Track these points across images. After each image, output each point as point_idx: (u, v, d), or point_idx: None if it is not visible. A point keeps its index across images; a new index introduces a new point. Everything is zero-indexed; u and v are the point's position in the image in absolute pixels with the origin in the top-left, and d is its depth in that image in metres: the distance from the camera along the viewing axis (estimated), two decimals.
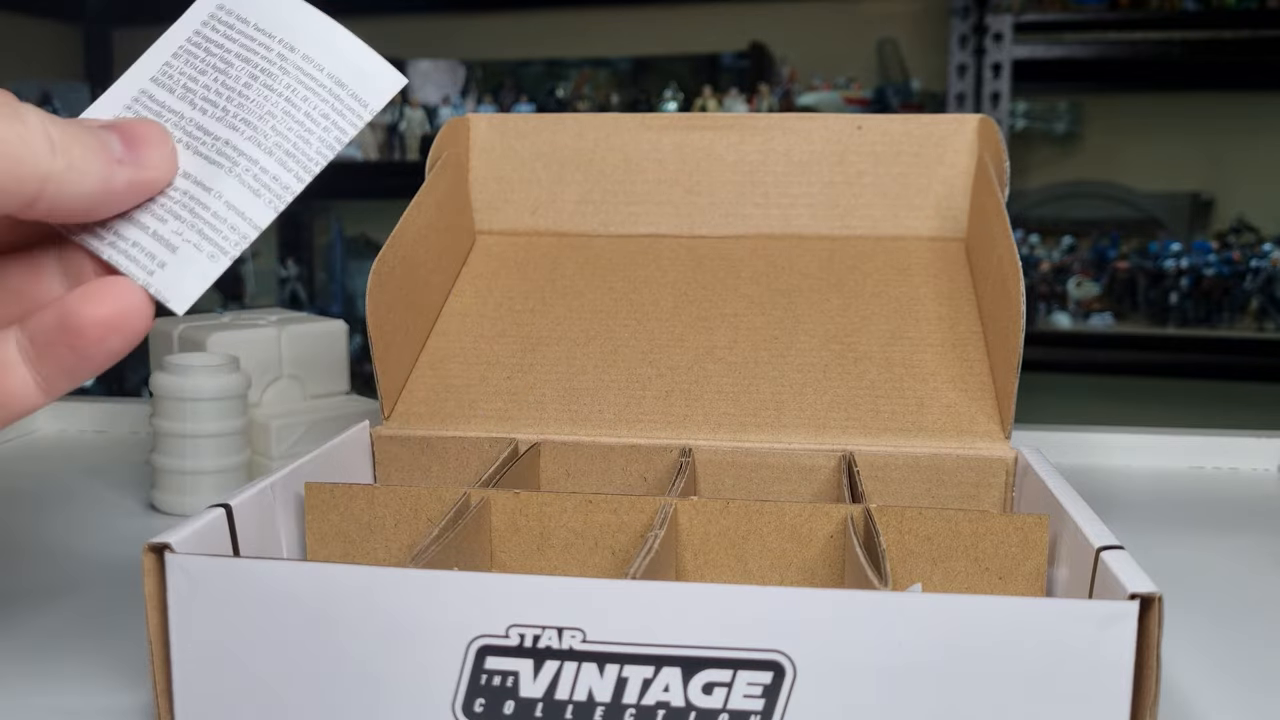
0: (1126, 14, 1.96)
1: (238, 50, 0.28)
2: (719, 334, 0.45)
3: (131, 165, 0.26)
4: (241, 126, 0.27)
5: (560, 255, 0.50)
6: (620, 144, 0.51)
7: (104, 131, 0.26)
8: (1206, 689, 0.33)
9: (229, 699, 0.26)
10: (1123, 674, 0.23)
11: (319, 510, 0.34)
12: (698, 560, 0.33)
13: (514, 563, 0.34)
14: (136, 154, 0.26)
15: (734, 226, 0.50)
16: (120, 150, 0.26)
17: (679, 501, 0.32)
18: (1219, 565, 0.45)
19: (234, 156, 0.27)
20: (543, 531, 0.33)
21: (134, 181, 0.26)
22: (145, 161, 0.26)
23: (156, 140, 0.27)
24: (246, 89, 0.28)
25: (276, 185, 0.27)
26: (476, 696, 0.25)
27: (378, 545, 0.34)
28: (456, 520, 0.31)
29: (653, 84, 2.33)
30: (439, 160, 0.48)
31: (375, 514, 0.34)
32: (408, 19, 2.50)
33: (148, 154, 0.26)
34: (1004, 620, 0.23)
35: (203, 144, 0.27)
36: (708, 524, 0.33)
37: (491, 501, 0.33)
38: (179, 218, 0.27)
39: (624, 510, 0.33)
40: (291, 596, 0.25)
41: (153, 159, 0.27)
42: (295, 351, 0.56)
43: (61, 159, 0.24)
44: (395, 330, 0.42)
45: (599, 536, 0.33)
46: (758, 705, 0.24)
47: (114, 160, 0.26)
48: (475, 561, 0.32)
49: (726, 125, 0.50)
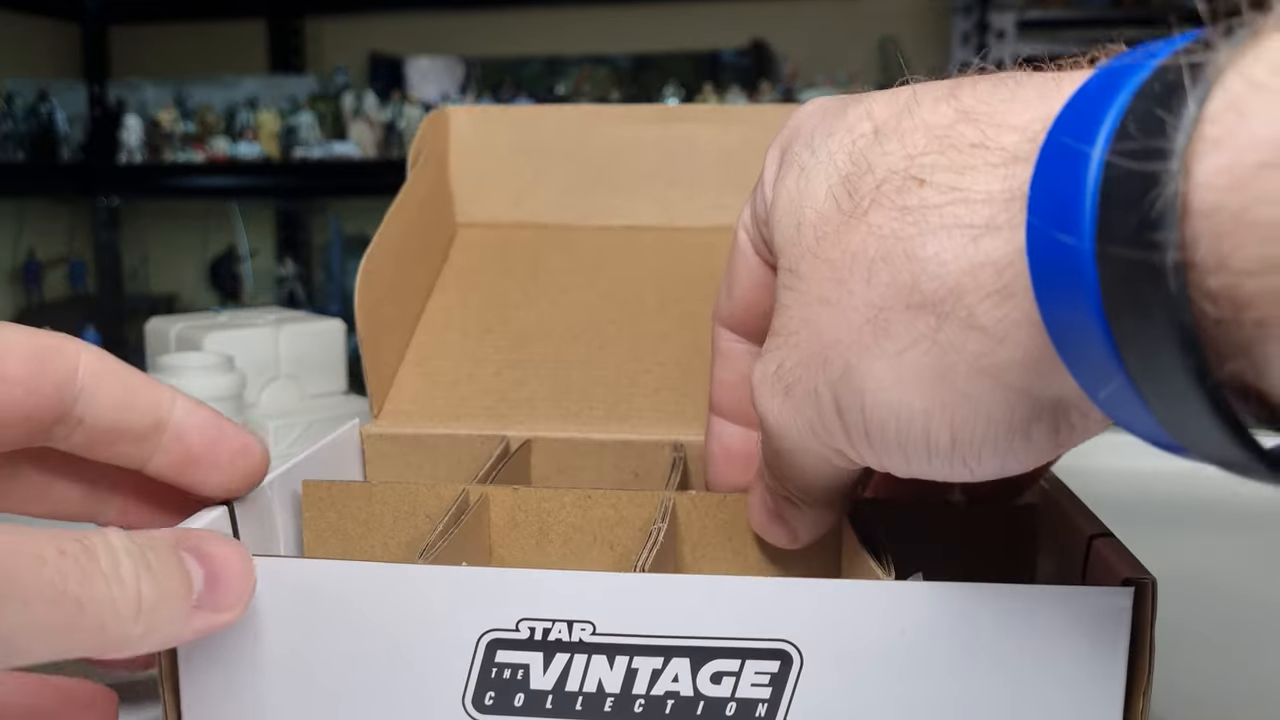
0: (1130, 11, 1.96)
1: None
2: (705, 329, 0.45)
3: (208, 610, 0.23)
4: None
5: (542, 247, 0.50)
6: (601, 136, 0.51)
7: (192, 562, 0.23)
8: (1207, 689, 0.33)
9: (236, 693, 0.26)
10: (1118, 658, 0.24)
11: (317, 508, 0.34)
12: (696, 554, 0.33)
13: (513, 558, 0.34)
14: (216, 596, 0.24)
15: (715, 218, 0.50)
16: (200, 590, 0.23)
17: (677, 495, 0.33)
18: (1219, 565, 0.45)
19: None
20: (542, 527, 0.33)
21: (201, 630, 0.24)
22: (222, 604, 0.24)
23: (239, 577, 0.24)
24: None
25: None
26: (487, 690, 0.25)
27: (375, 543, 0.34)
28: (459, 517, 0.31)
29: (653, 81, 2.33)
30: (420, 155, 0.48)
31: (373, 511, 0.34)
32: (407, 16, 2.50)
33: (226, 596, 0.24)
34: (1004, 607, 0.24)
35: None
36: (705, 517, 0.33)
37: (490, 497, 0.33)
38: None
39: (623, 505, 0.33)
40: (299, 593, 0.25)
41: (229, 600, 0.24)
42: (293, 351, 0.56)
43: (144, 623, 0.22)
44: (384, 328, 0.42)
45: (598, 531, 0.33)
46: (765, 694, 0.24)
47: (191, 608, 0.23)
48: (476, 558, 0.33)
49: (707, 117, 0.51)
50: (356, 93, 2.38)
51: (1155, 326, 0.16)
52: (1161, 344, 0.17)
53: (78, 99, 2.50)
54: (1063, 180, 0.18)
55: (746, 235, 0.29)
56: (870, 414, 0.22)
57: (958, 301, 0.20)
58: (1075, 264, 0.17)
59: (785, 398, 0.24)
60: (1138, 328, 0.17)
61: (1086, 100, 0.18)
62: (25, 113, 2.39)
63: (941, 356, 0.21)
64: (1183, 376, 0.16)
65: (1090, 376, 0.18)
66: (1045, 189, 0.18)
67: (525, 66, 2.46)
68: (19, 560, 0.20)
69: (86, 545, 0.21)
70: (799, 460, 0.26)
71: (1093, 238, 0.17)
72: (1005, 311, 0.20)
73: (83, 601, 0.21)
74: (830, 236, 0.23)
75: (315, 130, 2.35)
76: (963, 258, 0.20)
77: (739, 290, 0.30)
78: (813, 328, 0.23)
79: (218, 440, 0.27)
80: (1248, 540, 0.48)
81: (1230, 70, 0.16)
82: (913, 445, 0.22)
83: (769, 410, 0.25)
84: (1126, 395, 0.18)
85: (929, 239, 0.21)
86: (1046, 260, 0.18)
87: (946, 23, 2.04)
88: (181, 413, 0.27)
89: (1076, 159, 0.18)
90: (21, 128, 2.37)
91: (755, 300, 0.29)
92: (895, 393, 0.22)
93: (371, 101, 2.36)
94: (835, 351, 0.23)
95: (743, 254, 0.29)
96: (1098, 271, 0.17)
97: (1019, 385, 0.20)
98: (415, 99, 2.34)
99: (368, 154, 2.34)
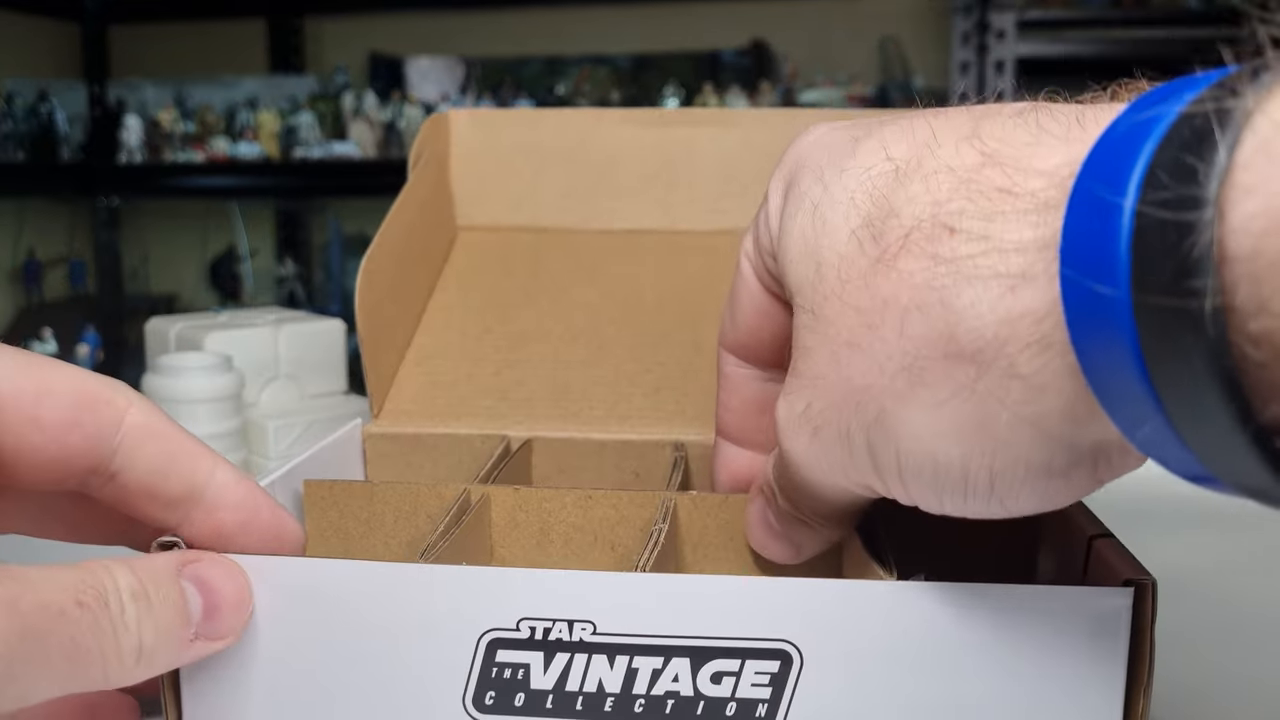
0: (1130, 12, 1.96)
1: None
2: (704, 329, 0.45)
3: (203, 641, 0.24)
4: None
5: (542, 250, 0.50)
6: (601, 139, 0.51)
7: (192, 590, 0.24)
8: (1207, 689, 0.33)
9: (237, 693, 0.26)
10: (1118, 658, 0.24)
11: (318, 507, 0.34)
12: (697, 554, 0.33)
13: (514, 558, 0.34)
14: (213, 625, 0.24)
15: (714, 221, 0.50)
16: (198, 619, 0.24)
17: (678, 496, 0.33)
18: (1219, 565, 0.45)
19: None
20: (543, 527, 0.33)
21: (197, 658, 0.25)
22: (219, 633, 0.24)
23: (236, 607, 0.25)
24: None
25: None
26: (487, 690, 0.25)
27: (377, 542, 0.34)
28: (460, 517, 0.31)
29: (653, 81, 2.33)
30: (421, 158, 0.48)
31: (374, 510, 0.34)
32: (407, 16, 2.50)
33: (222, 625, 0.24)
34: (1004, 607, 0.24)
35: None
36: (707, 517, 0.33)
37: (491, 497, 0.33)
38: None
39: (624, 505, 0.33)
40: (300, 593, 0.25)
41: (225, 629, 0.25)
42: (292, 351, 0.56)
43: (143, 666, 0.23)
44: (384, 328, 0.42)
45: (599, 531, 0.33)
46: (765, 694, 0.24)
47: (187, 639, 0.24)
48: (477, 557, 0.33)
49: (706, 120, 0.51)
50: (356, 93, 2.38)
51: (1195, 372, 0.17)
52: (1203, 389, 0.17)
53: (78, 99, 2.50)
54: (1095, 231, 0.18)
55: (749, 263, 0.29)
56: (906, 459, 0.22)
57: (998, 352, 0.20)
58: (1112, 314, 0.17)
59: (813, 438, 0.25)
60: (1177, 374, 0.17)
61: (1114, 147, 0.18)
62: (25, 113, 2.39)
63: (981, 405, 0.21)
64: (1225, 420, 0.17)
65: (1129, 419, 0.18)
66: (1078, 240, 0.18)
67: (525, 66, 2.46)
68: (46, 619, 0.20)
69: (99, 592, 0.22)
70: (820, 491, 0.26)
71: (1128, 287, 0.17)
72: (1045, 361, 0.20)
73: (92, 652, 0.21)
74: (855, 281, 0.23)
75: (315, 130, 2.35)
76: (999, 308, 0.20)
77: (742, 317, 0.30)
78: (842, 372, 0.23)
79: (251, 521, 0.26)
80: (1248, 540, 0.48)
81: (1258, 114, 0.16)
82: (949, 489, 0.22)
83: (795, 449, 0.25)
84: (1164, 436, 0.18)
85: (964, 289, 0.20)
86: (1083, 311, 0.18)
87: (946, 23, 2.03)
88: (219, 486, 0.26)
89: (1108, 210, 0.18)
90: (21, 128, 2.37)
91: (758, 326, 0.30)
92: (933, 441, 0.22)
93: (371, 101, 2.36)
94: (868, 396, 0.23)
95: (745, 282, 0.29)
96: (1135, 321, 0.17)
97: (1059, 434, 0.20)
98: (415, 99, 2.34)
99: (368, 154, 2.34)
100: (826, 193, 0.24)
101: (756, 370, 0.31)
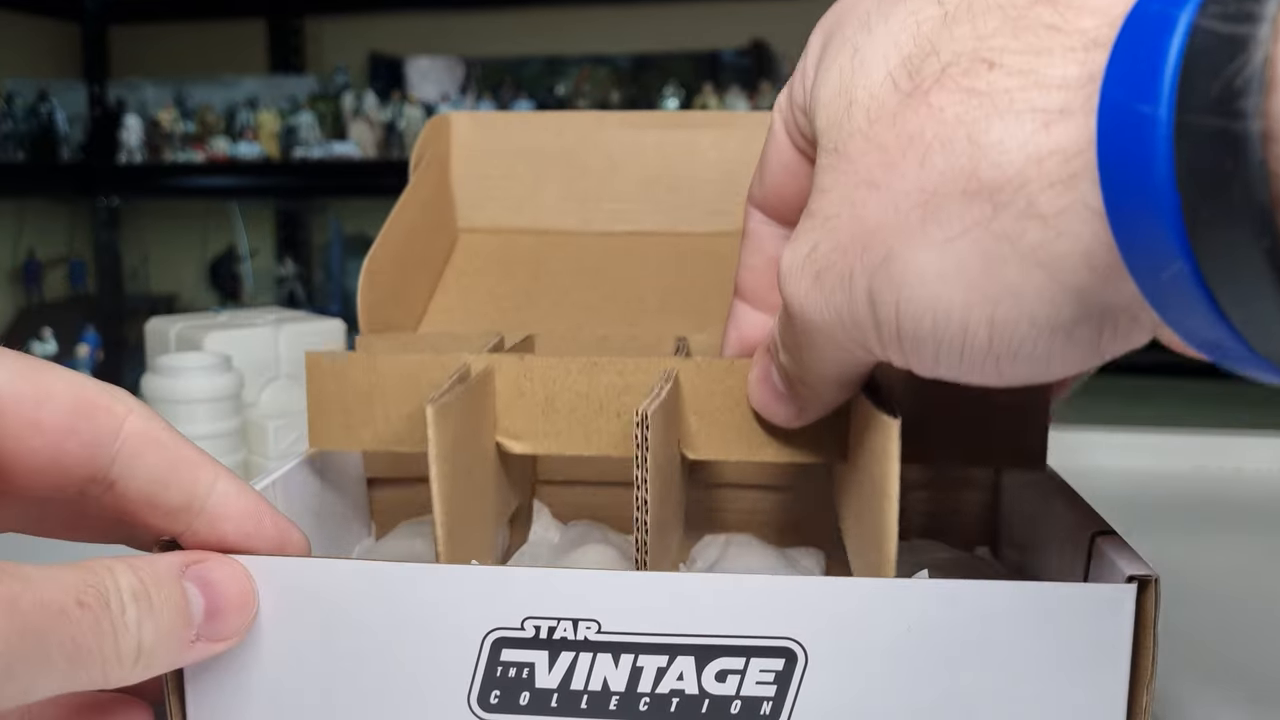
0: None
1: None
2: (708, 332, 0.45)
3: (204, 643, 0.24)
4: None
5: (543, 252, 0.50)
6: (602, 141, 0.51)
7: (194, 592, 0.24)
8: (1208, 688, 0.34)
9: (240, 694, 0.26)
10: (1121, 654, 0.24)
11: (319, 380, 0.34)
12: (703, 422, 0.33)
13: (519, 428, 0.33)
14: (215, 627, 0.24)
15: (716, 223, 0.50)
16: (200, 620, 0.24)
17: (682, 362, 0.32)
18: (1219, 565, 0.45)
19: None
20: (548, 395, 0.33)
21: (199, 659, 0.24)
22: (221, 634, 0.24)
23: (239, 609, 0.25)
24: None
25: None
26: (492, 689, 0.25)
27: (378, 415, 0.34)
28: (460, 383, 0.31)
29: (653, 81, 2.34)
30: (422, 160, 0.49)
31: (375, 382, 0.34)
32: (407, 16, 2.50)
33: (225, 627, 0.24)
34: (1008, 604, 0.24)
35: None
36: (712, 383, 0.33)
37: (495, 366, 0.33)
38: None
39: (629, 372, 0.33)
40: (304, 592, 0.25)
41: (227, 631, 0.24)
42: (293, 351, 0.56)
43: (142, 667, 0.22)
44: (385, 329, 0.43)
45: (604, 399, 0.33)
46: (770, 691, 0.25)
47: (188, 640, 0.24)
48: (481, 425, 0.32)
49: (707, 123, 0.51)
50: (356, 93, 2.39)
51: (1230, 201, 0.16)
52: (1235, 221, 0.16)
53: (78, 99, 2.50)
54: (1146, 46, 0.17)
55: (782, 119, 0.28)
56: (905, 307, 0.21)
57: (1018, 191, 0.19)
58: (1149, 134, 0.17)
59: (815, 282, 0.24)
60: (1211, 203, 0.16)
61: None
62: (25, 113, 2.39)
63: (993, 246, 0.20)
64: (1253, 254, 0.16)
65: (1148, 265, 0.18)
66: (1126, 56, 0.18)
67: (525, 66, 2.46)
68: (45, 618, 0.20)
69: (100, 592, 0.22)
70: (819, 347, 0.25)
71: (1171, 105, 0.17)
72: (1068, 201, 0.19)
73: (92, 651, 0.21)
74: (884, 119, 0.22)
75: (315, 130, 2.35)
76: (1030, 144, 0.19)
77: (770, 175, 0.29)
78: (855, 211, 0.22)
79: (253, 535, 0.26)
80: (1248, 540, 0.48)
81: None
82: (946, 342, 0.21)
83: (795, 293, 0.24)
84: (1184, 285, 0.17)
85: (995, 123, 0.20)
86: (1118, 133, 0.18)
87: None
88: (220, 497, 0.25)
89: (1163, 23, 0.17)
90: (21, 128, 2.37)
91: (784, 184, 0.29)
92: (937, 285, 0.21)
93: (371, 101, 2.36)
94: (878, 237, 0.22)
95: (775, 138, 0.29)
96: (1173, 141, 0.17)
97: (1072, 283, 0.20)
98: (415, 99, 2.34)
99: (368, 154, 2.34)
100: (870, 36, 0.23)
101: (781, 229, 0.30)
